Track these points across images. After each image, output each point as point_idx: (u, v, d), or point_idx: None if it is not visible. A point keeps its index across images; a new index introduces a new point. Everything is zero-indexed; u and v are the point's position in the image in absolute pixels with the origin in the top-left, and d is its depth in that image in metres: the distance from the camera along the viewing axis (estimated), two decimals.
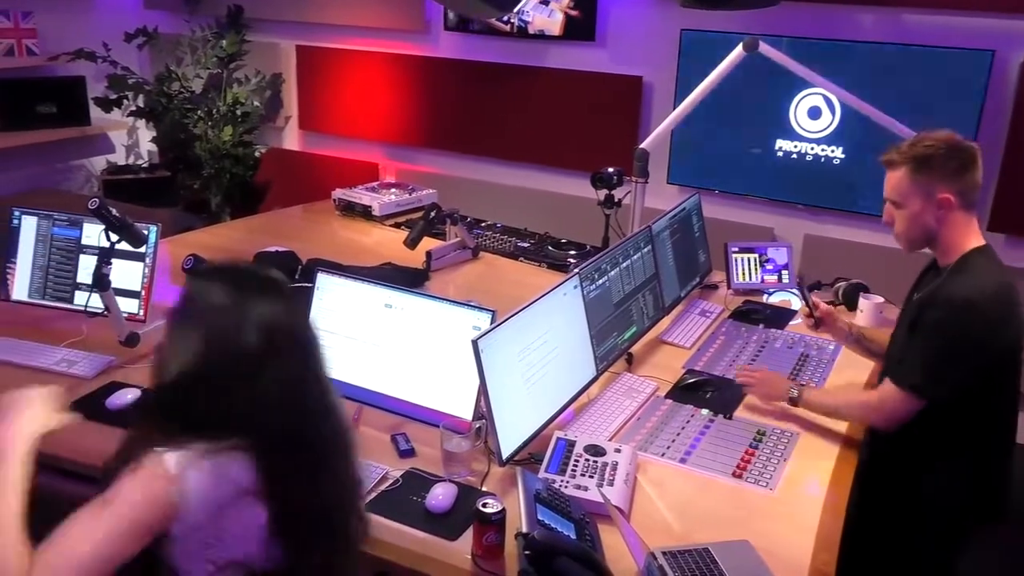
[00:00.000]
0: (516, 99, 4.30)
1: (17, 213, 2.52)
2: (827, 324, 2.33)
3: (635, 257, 2.44)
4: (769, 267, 2.93)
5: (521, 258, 3.25)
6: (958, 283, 1.88)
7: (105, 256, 2.22)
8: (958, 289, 1.87)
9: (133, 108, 4.78)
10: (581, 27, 4.06)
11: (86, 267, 2.43)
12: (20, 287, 2.51)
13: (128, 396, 2.04)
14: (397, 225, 3.54)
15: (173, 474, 1.22)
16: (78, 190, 4.98)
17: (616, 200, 3.08)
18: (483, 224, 3.61)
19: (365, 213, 3.63)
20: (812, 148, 3.71)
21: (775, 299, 2.88)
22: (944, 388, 1.88)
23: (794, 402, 2.09)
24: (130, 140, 5.26)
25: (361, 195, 3.69)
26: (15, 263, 2.51)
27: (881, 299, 2.67)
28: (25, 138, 4.53)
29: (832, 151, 3.67)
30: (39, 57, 4.51)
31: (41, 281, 2.50)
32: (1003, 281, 1.88)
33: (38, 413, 1.41)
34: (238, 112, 4.76)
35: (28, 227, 2.51)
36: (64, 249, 2.49)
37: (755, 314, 2.74)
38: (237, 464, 1.25)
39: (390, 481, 1.79)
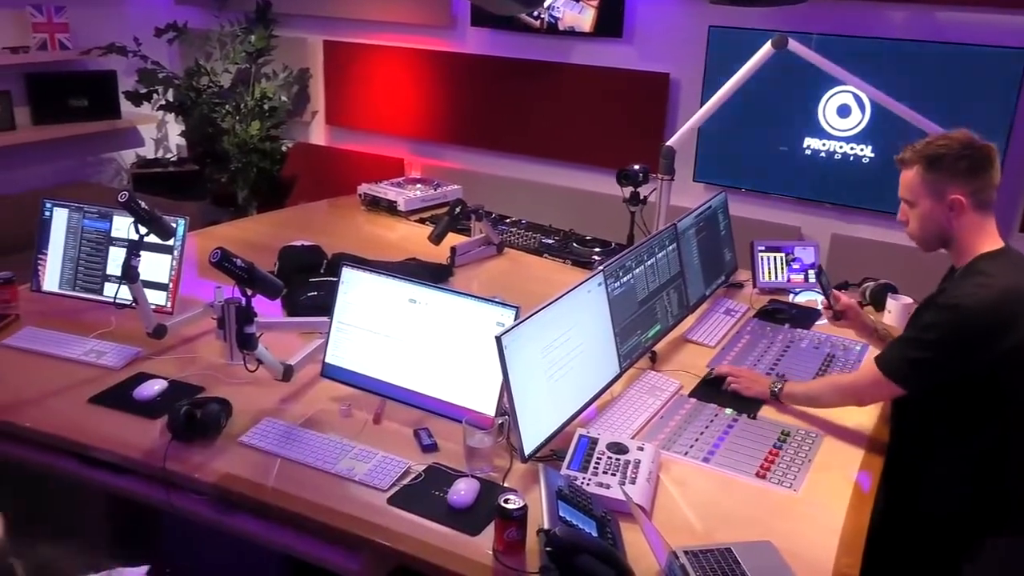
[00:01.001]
0: (542, 95, 4.29)
1: (48, 205, 2.56)
2: (849, 318, 2.32)
3: (660, 255, 2.43)
4: (795, 266, 2.91)
5: (546, 255, 3.25)
6: (958, 287, 1.89)
7: (134, 248, 2.25)
8: (953, 292, 1.88)
9: (163, 102, 4.83)
10: (608, 23, 4.04)
11: (115, 259, 2.46)
12: (51, 278, 2.55)
13: (155, 387, 2.06)
14: (422, 220, 3.55)
15: None
16: (108, 183, 5.04)
17: (642, 197, 3.06)
18: (508, 220, 3.61)
19: (390, 208, 3.64)
20: (841, 147, 3.67)
21: (801, 299, 2.86)
22: (919, 381, 1.91)
23: (775, 396, 2.12)
24: (159, 134, 5.32)
25: (386, 190, 3.70)
26: (46, 254, 2.54)
27: (910, 300, 2.64)
28: (57, 131, 4.59)
29: (862, 150, 3.63)
30: (71, 51, 4.57)
31: (71, 272, 2.54)
32: (1011, 287, 1.84)
33: None
34: (265, 107, 4.80)
35: (59, 219, 2.54)
36: (94, 241, 2.52)
37: (780, 314, 2.72)
38: None
39: (412, 475, 1.79)
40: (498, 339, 1.70)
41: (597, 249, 3.25)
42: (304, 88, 5.02)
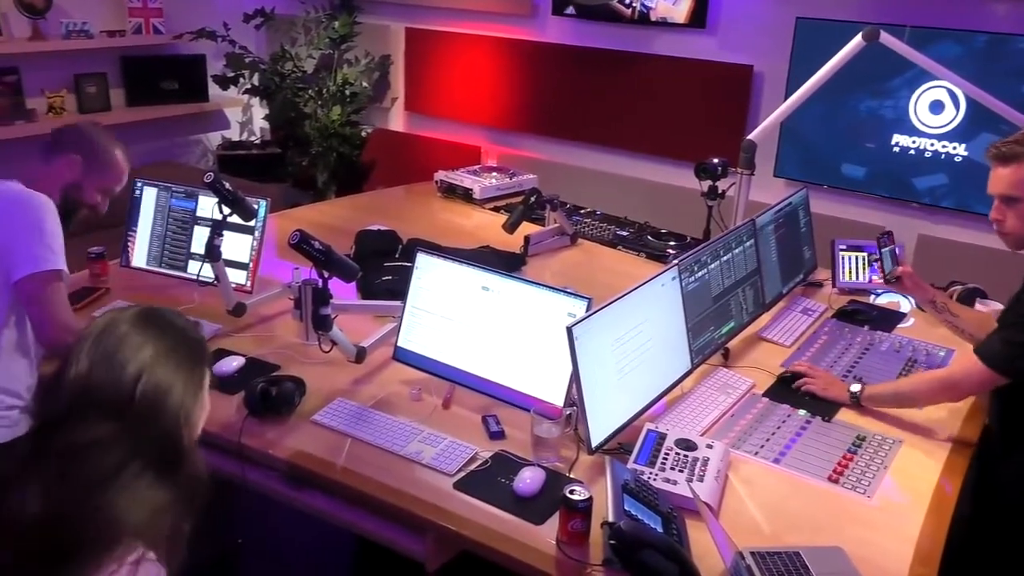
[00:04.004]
0: (621, 85, 4.25)
1: (139, 184, 2.65)
2: (905, 285, 2.35)
3: (737, 251, 2.39)
4: (878, 267, 2.81)
5: (620, 247, 3.23)
6: None
7: (217, 228, 2.32)
8: None
9: (248, 86, 4.95)
10: (696, 14, 3.97)
11: (199, 238, 2.54)
12: (139, 254, 2.64)
13: (234, 364, 2.12)
14: (497, 209, 3.56)
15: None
16: (195, 164, 5.20)
17: (720, 192, 3.01)
18: (582, 211, 3.60)
19: (466, 196, 3.66)
20: (932, 144, 3.54)
21: (882, 300, 2.77)
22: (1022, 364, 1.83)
23: (856, 399, 2.05)
24: (244, 117, 5.45)
25: (463, 178, 3.72)
26: (135, 231, 2.64)
27: (1000, 305, 2.52)
28: (149, 113, 4.75)
29: (954, 148, 3.49)
30: (164, 36, 4.72)
31: (158, 250, 2.63)
32: None
33: None
34: (347, 92, 4.88)
35: (148, 198, 2.63)
36: (180, 220, 2.61)
37: (860, 315, 2.64)
38: None
39: (479, 461, 1.81)
40: (569, 330, 1.70)
41: (672, 243, 3.21)
42: (385, 75, 5.08)
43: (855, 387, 2.07)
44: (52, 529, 1.03)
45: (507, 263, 2.84)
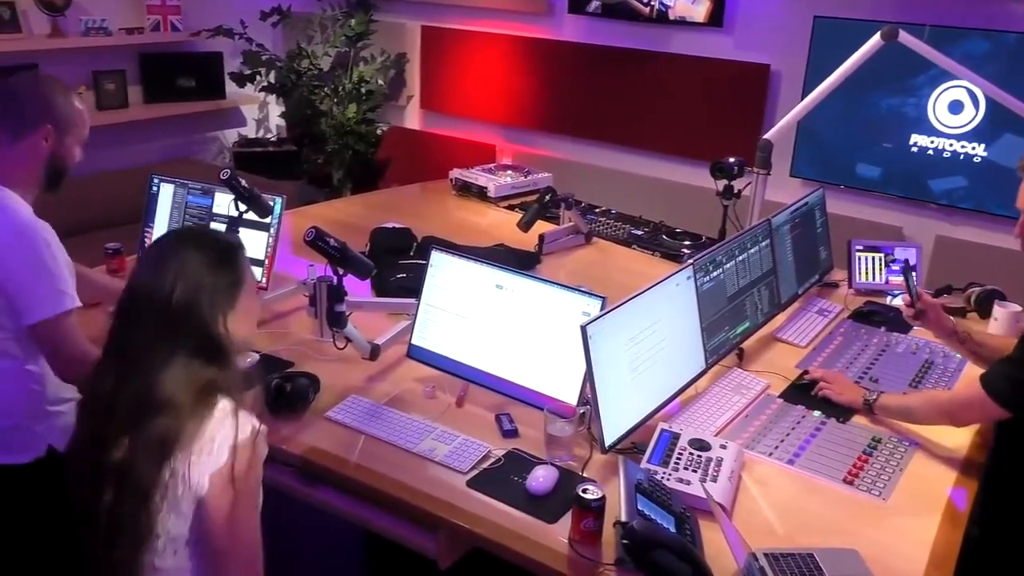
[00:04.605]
0: (637, 84, 4.24)
1: (156, 180, 2.66)
2: (929, 318, 2.18)
3: (752, 251, 2.38)
4: (895, 268, 2.79)
5: (634, 246, 3.22)
6: None
7: (233, 224, 2.33)
8: None
9: (265, 84, 4.97)
10: (713, 12, 3.95)
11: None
12: None
13: (247, 360, 2.12)
14: (512, 207, 3.56)
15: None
16: (211, 160, 5.22)
17: (735, 191, 3.00)
18: (597, 210, 3.59)
19: (481, 194, 3.66)
20: (951, 144, 3.51)
21: (899, 301, 2.74)
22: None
23: (869, 406, 2.02)
24: (261, 114, 5.48)
25: (478, 176, 3.72)
26: (152, 227, 2.65)
27: (1018, 307, 2.51)
28: (166, 109, 4.78)
29: (973, 148, 3.46)
30: (182, 33, 4.74)
31: None
32: None
33: None
34: (363, 90, 4.89)
35: (165, 194, 2.65)
36: (196, 216, 2.62)
37: (877, 316, 2.63)
38: None
39: (492, 459, 1.81)
40: (583, 328, 1.70)
41: (687, 242, 3.20)
42: (401, 72, 5.09)
43: (871, 395, 2.04)
44: (127, 399, 1.34)
45: (521, 261, 2.84)
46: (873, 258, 2.83)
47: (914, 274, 2.24)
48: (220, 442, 1.33)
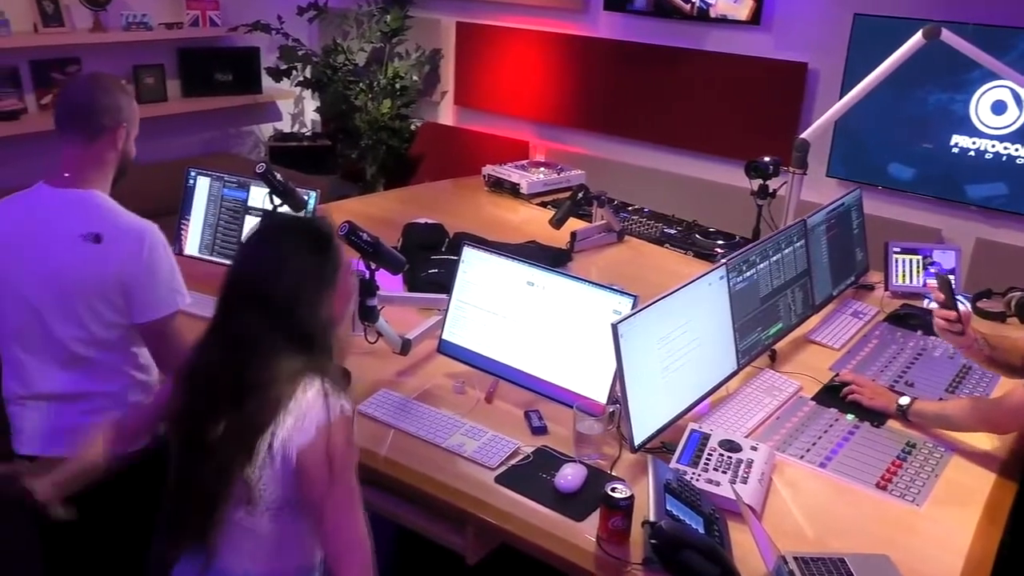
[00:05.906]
0: (671, 82, 4.21)
1: (193, 173, 2.70)
2: (967, 334, 2.04)
3: (787, 251, 2.35)
4: (933, 270, 2.75)
5: (667, 245, 3.20)
6: None
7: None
8: None
9: (300, 79, 5.01)
10: (754, 11, 3.91)
11: (250, 227, 2.57)
12: (192, 243, 2.69)
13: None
14: (544, 204, 3.56)
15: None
16: (247, 154, 5.28)
17: (771, 191, 2.96)
18: (630, 208, 3.57)
19: (513, 190, 3.66)
20: (993, 145, 3.44)
21: (937, 305, 2.70)
22: None
23: (903, 412, 1.99)
24: (296, 109, 5.53)
25: (510, 172, 3.72)
26: (188, 220, 2.69)
27: None
28: (203, 104, 4.84)
29: (1017, 150, 3.39)
30: (220, 28, 4.80)
31: (210, 238, 2.68)
32: None
33: None
34: (397, 86, 4.91)
35: (202, 187, 2.68)
36: (232, 209, 2.65)
37: (913, 319, 2.58)
38: None
39: (521, 456, 1.81)
40: (614, 327, 1.69)
41: (720, 242, 3.18)
42: (435, 68, 5.10)
43: (904, 400, 2.01)
44: (228, 379, 1.39)
45: (553, 259, 2.84)
46: (911, 260, 2.78)
47: (952, 279, 2.17)
48: (310, 420, 1.35)
